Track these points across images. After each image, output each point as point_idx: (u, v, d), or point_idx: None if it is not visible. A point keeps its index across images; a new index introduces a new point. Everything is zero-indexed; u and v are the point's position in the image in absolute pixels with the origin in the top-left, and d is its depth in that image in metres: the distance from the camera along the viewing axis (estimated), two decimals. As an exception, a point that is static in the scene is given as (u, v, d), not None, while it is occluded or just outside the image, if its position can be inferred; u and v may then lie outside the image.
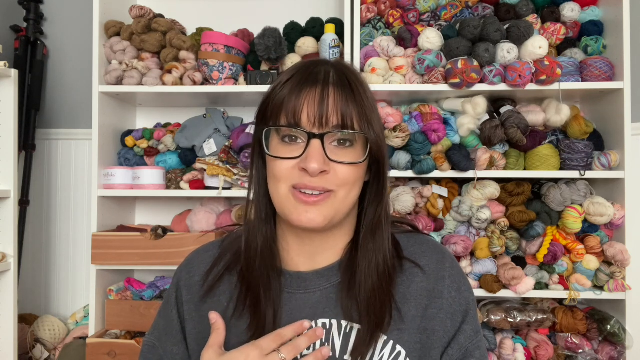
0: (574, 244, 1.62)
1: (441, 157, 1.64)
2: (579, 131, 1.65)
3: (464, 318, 0.70)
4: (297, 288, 0.70)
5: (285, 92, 0.65)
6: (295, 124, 0.64)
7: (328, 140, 0.64)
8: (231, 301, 0.71)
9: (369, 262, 0.69)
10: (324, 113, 0.63)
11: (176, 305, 0.75)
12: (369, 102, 0.67)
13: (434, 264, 0.72)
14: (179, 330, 0.74)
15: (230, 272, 0.73)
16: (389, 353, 0.66)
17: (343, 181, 0.65)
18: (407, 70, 1.67)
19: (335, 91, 0.64)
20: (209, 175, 1.70)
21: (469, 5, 1.75)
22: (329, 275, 0.71)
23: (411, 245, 0.74)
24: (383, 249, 0.70)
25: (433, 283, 0.70)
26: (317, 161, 0.62)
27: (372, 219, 0.70)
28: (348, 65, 0.70)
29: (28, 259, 2.03)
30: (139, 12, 1.78)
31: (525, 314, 1.62)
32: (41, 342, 1.84)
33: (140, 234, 1.66)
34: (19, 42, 1.98)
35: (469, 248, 1.62)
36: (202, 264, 0.76)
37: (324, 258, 0.72)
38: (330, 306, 0.69)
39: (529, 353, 1.61)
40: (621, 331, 1.57)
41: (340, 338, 0.67)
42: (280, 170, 0.65)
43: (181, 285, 0.75)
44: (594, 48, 1.68)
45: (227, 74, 1.73)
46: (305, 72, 0.67)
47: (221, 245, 0.77)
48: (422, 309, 0.69)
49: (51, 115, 2.07)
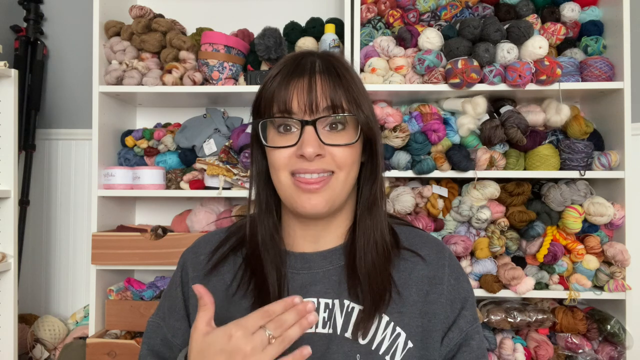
0: (574, 244, 1.62)
1: (441, 157, 1.64)
2: (579, 131, 1.65)
3: (463, 305, 0.73)
4: (301, 268, 0.73)
5: (275, 84, 0.68)
6: (287, 113, 0.67)
7: (320, 125, 0.67)
8: (234, 280, 0.74)
9: (367, 239, 0.72)
10: (313, 100, 0.66)
11: (180, 284, 0.78)
12: (357, 86, 0.69)
13: (434, 254, 0.75)
14: (182, 307, 0.76)
15: (235, 253, 0.77)
16: (390, 333, 0.69)
17: (341, 163, 0.68)
18: (407, 70, 1.67)
19: (322, 78, 0.67)
20: (209, 175, 1.70)
21: (469, 5, 1.75)
22: (332, 257, 0.74)
23: (411, 237, 0.77)
24: (380, 226, 0.73)
25: (434, 271, 0.73)
26: (312, 145, 0.65)
27: (368, 197, 0.74)
28: (334, 54, 0.73)
29: (28, 259, 2.02)
30: (139, 12, 1.78)
31: (525, 314, 1.62)
32: (41, 342, 1.84)
33: (140, 234, 1.66)
34: (19, 42, 1.98)
35: (469, 248, 1.62)
36: (208, 244, 0.79)
37: (326, 241, 0.75)
38: (333, 287, 0.71)
39: (529, 353, 1.61)
40: (621, 331, 1.57)
41: (342, 316, 0.70)
42: (279, 159, 0.68)
43: (187, 264, 0.78)
44: (594, 48, 1.68)
45: (227, 74, 1.73)
46: (292, 64, 0.69)
47: (228, 230, 0.81)
48: (423, 295, 0.72)
49: (51, 115, 2.07)
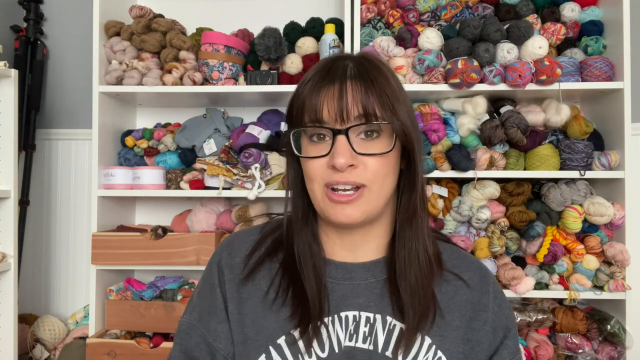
0: (574, 244, 1.62)
1: (441, 157, 1.64)
2: (579, 131, 1.65)
3: (505, 334, 0.71)
4: (342, 278, 0.71)
5: (306, 92, 0.66)
6: (318, 121, 0.64)
7: (353, 133, 0.64)
8: (272, 286, 0.71)
9: (408, 251, 0.69)
10: (344, 107, 0.63)
11: (219, 285, 0.73)
12: (392, 90, 0.65)
13: (477, 278, 0.73)
14: (222, 308, 0.72)
15: (271, 258, 0.73)
16: (432, 357, 0.67)
17: (374, 174, 0.64)
18: (407, 70, 1.67)
19: (354, 84, 0.64)
20: (209, 175, 1.70)
21: (469, 5, 1.75)
22: (374, 269, 0.71)
23: (454, 258, 0.74)
24: (422, 238, 0.70)
25: (478, 296, 0.71)
26: (343, 156, 0.62)
27: (407, 207, 0.70)
28: (370, 55, 0.69)
29: (28, 259, 2.02)
30: (139, 12, 1.78)
31: (525, 314, 1.62)
32: (41, 342, 1.84)
33: (140, 234, 1.66)
34: (19, 42, 1.98)
35: (469, 248, 1.62)
36: (243, 246, 0.75)
37: (364, 252, 0.72)
38: (375, 301, 0.69)
39: (529, 353, 1.61)
40: (621, 331, 1.57)
41: (384, 334, 0.67)
42: (313, 170, 0.66)
43: (222, 264, 0.74)
44: (594, 48, 1.68)
45: (227, 74, 1.73)
46: (324, 69, 0.67)
47: (262, 231, 0.77)
48: (467, 320, 0.69)
49: (51, 115, 2.07)
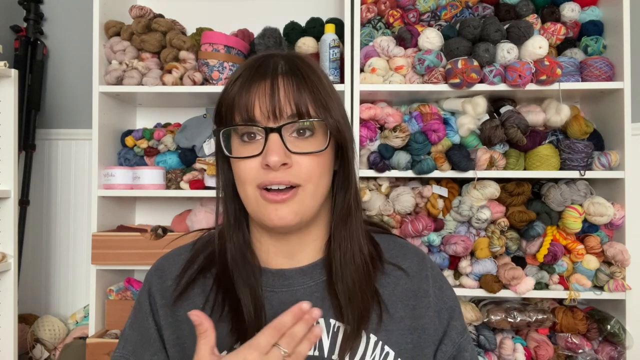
0: (574, 244, 1.62)
1: (441, 157, 1.64)
2: (579, 131, 1.65)
3: (450, 315, 0.71)
4: (280, 286, 0.68)
5: (236, 89, 0.63)
6: (250, 120, 0.62)
7: (286, 132, 0.62)
8: (207, 303, 0.67)
9: (343, 252, 0.67)
10: (277, 105, 0.61)
11: (151, 313, 0.70)
12: (325, 88, 0.64)
13: (415, 266, 0.72)
14: (156, 338, 0.69)
15: (204, 274, 0.70)
16: (379, 354, 0.65)
17: (308, 174, 0.62)
18: (407, 70, 1.67)
19: (286, 81, 0.62)
20: (209, 175, 1.70)
21: (469, 5, 1.75)
22: (313, 273, 0.69)
23: (391, 249, 0.74)
24: (357, 238, 0.68)
25: (417, 283, 0.71)
26: (277, 154, 0.60)
27: (342, 207, 0.68)
28: (299, 54, 0.68)
29: (28, 259, 2.02)
30: (139, 12, 1.78)
31: (525, 314, 1.62)
32: (41, 342, 1.84)
33: (140, 234, 1.66)
34: (19, 42, 1.98)
35: (469, 248, 1.62)
36: (173, 267, 0.72)
37: (304, 256, 0.69)
38: (316, 305, 0.64)
39: (529, 353, 1.61)
40: (621, 331, 1.57)
41: (328, 337, 0.65)
42: (245, 171, 0.63)
43: (153, 291, 0.71)
44: (594, 48, 1.68)
45: (227, 74, 1.73)
46: (254, 66, 0.64)
47: (192, 248, 0.74)
48: (410, 309, 0.69)
49: (51, 115, 2.07)
